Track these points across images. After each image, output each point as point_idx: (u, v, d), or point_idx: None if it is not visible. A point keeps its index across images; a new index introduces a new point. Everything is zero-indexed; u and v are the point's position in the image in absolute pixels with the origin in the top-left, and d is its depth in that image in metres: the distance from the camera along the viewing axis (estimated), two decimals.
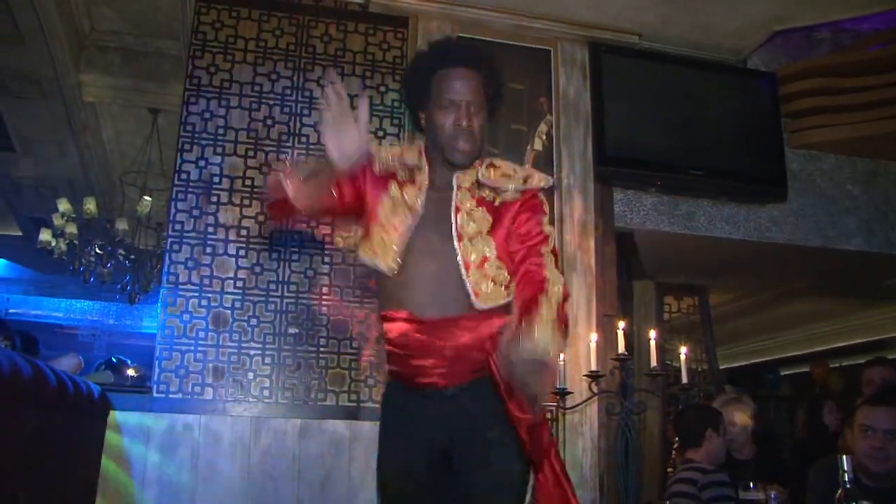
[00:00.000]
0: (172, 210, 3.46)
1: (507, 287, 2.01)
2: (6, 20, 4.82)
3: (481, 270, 1.99)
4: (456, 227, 2.01)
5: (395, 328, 2.02)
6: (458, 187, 2.07)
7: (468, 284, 1.97)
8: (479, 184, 2.08)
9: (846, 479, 2.12)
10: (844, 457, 2.17)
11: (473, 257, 1.99)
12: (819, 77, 4.32)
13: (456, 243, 2.00)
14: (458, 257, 1.99)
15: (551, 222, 3.65)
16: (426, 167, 2.10)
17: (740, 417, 3.69)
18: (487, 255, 2.00)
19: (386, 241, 2.01)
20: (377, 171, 2.09)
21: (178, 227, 3.44)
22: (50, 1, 4.68)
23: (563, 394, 3.41)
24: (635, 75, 4.05)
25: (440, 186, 2.08)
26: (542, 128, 3.89)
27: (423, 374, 2.00)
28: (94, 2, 5.12)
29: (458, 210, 2.04)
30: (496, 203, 2.07)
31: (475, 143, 2.05)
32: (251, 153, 3.57)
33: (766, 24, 4.09)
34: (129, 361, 5.67)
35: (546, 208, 2.12)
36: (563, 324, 1.84)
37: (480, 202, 2.06)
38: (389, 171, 2.09)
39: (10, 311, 10.06)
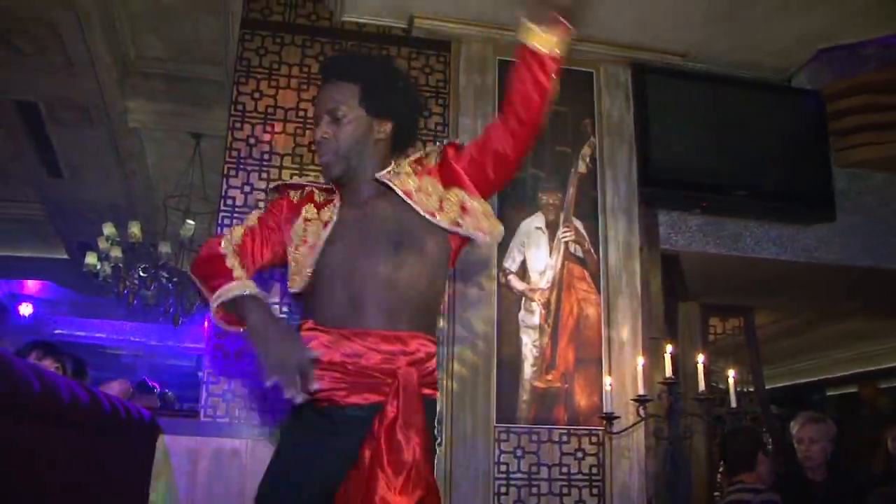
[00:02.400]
0: None
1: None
2: (58, 52, 4.95)
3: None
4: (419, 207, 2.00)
5: None
6: (392, 184, 2.04)
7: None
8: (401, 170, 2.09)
9: None
10: None
11: (448, 216, 2.00)
12: (866, 94, 4.25)
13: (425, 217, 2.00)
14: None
15: (594, 244, 3.68)
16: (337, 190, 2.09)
17: (820, 437, 3.65)
18: (466, 203, 2.03)
19: (299, 261, 1.99)
20: (294, 199, 2.13)
21: None
22: (98, 31, 4.79)
23: (610, 418, 3.38)
24: (679, 96, 4.02)
25: (357, 202, 2.05)
26: (586, 150, 3.88)
27: None
28: (139, 30, 5.22)
29: (408, 194, 2.01)
30: (431, 164, 2.12)
31: (337, 155, 2.00)
32: (296, 178, 3.59)
33: (811, 42, 4.05)
34: (156, 386, 5.72)
35: None
36: None
37: (419, 175, 2.08)
38: (304, 198, 2.13)
39: (56, 331, 10.24)
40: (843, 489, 3.50)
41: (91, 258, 6.69)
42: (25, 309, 10.33)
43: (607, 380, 3.50)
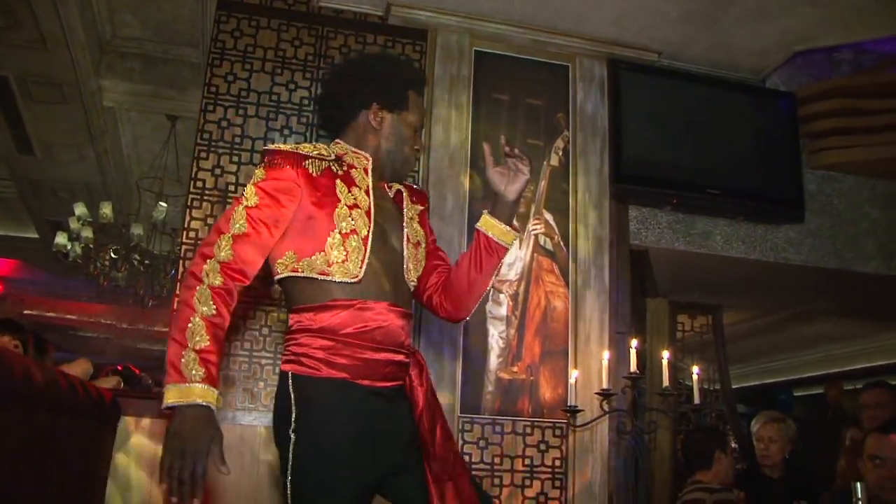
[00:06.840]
0: (187, 218, 3.47)
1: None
2: (31, 27, 4.88)
3: (415, 262, 2.05)
4: (406, 235, 2.03)
5: (372, 318, 1.87)
6: (406, 199, 2.11)
7: (409, 283, 2.04)
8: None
9: None
10: (859, 484, 2.15)
11: (414, 263, 2.05)
12: (839, 98, 4.29)
13: (405, 247, 2.01)
14: (405, 262, 2.01)
15: (564, 238, 3.69)
16: (369, 167, 2.00)
17: (780, 437, 3.71)
18: (420, 256, 2.09)
19: (349, 249, 1.84)
20: (313, 171, 1.88)
21: (192, 234, 3.44)
22: (74, 8, 4.72)
23: (573, 411, 3.40)
24: (654, 93, 4.04)
25: (378, 189, 2.02)
26: (559, 143, 3.89)
27: (384, 368, 1.89)
28: (117, 9, 5.16)
29: (407, 220, 2.07)
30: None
31: None
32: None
33: (787, 44, 4.08)
34: (137, 371, 5.66)
35: None
36: None
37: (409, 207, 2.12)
38: (325, 169, 1.91)
39: (25, 311, 10.12)
40: (798, 487, 3.55)
41: (61, 238, 6.62)
42: None
43: (573, 373, 3.52)
